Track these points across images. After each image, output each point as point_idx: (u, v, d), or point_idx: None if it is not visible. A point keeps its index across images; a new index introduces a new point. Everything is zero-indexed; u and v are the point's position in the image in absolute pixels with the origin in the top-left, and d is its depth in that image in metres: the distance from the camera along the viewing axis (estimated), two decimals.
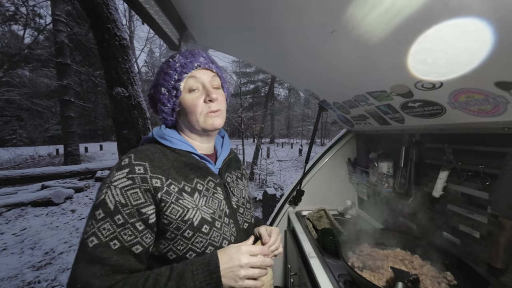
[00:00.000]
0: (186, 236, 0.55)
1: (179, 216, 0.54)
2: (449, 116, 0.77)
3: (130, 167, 0.53)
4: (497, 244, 0.71)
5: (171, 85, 0.60)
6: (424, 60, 0.63)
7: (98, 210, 0.50)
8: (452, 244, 0.94)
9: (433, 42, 0.57)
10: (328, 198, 1.76)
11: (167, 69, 0.61)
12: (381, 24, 0.61)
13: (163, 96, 0.61)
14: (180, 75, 0.59)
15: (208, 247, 0.56)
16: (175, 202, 0.55)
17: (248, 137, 19.33)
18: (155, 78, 0.64)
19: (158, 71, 0.64)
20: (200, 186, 0.61)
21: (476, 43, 0.50)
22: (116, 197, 0.50)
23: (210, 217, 0.58)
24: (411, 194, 1.13)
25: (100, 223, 0.49)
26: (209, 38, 1.24)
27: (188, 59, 0.61)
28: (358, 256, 1.00)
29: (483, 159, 0.80)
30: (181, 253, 0.55)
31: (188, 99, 0.60)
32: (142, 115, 3.71)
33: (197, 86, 0.61)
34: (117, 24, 3.47)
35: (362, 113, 1.25)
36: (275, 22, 0.83)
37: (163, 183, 0.54)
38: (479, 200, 0.83)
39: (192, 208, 0.56)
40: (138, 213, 0.51)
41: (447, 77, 0.63)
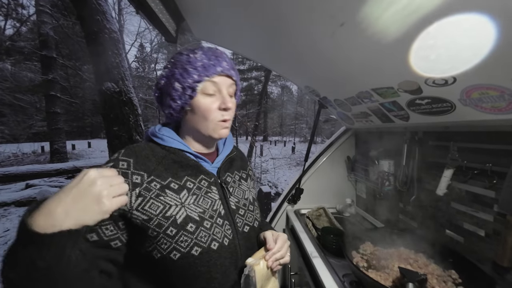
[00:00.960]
0: (169, 234, 0.52)
1: (160, 212, 0.53)
2: (459, 113, 0.76)
3: (115, 161, 0.53)
4: (505, 243, 0.71)
5: (188, 83, 0.56)
6: (439, 55, 0.61)
7: None
8: (456, 242, 0.94)
9: (449, 37, 0.54)
10: (327, 196, 1.75)
11: (187, 65, 0.56)
12: (395, 19, 0.59)
13: (176, 92, 0.57)
14: (200, 76, 0.56)
15: (194, 247, 0.53)
16: (155, 198, 0.53)
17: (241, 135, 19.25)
18: (169, 70, 0.59)
19: (174, 63, 0.59)
20: (190, 184, 0.59)
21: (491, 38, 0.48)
22: None
23: (198, 215, 0.56)
24: (414, 192, 1.13)
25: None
26: (206, 30, 1.18)
27: (211, 60, 0.57)
28: (362, 256, 0.99)
29: (490, 157, 0.80)
30: (165, 252, 0.52)
31: (202, 103, 0.57)
32: (134, 111, 3.59)
33: (214, 91, 0.58)
34: (106, 16, 3.33)
35: (365, 111, 1.23)
36: (278, 15, 0.79)
37: (144, 179, 0.54)
38: (485, 198, 0.82)
39: (175, 205, 0.55)
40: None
41: (462, 70, 0.61)
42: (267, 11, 0.79)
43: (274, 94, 30.20)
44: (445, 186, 0.94)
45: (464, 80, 0.64)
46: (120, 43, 3.54)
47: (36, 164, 7.77)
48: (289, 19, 0.80)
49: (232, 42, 1.25)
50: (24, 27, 10.06)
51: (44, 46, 8.26)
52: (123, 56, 3.57)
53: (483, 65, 0.56)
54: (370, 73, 0.91)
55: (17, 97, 11.24)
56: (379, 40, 0.69)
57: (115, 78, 3.39)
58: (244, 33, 1.07)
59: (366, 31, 0.68)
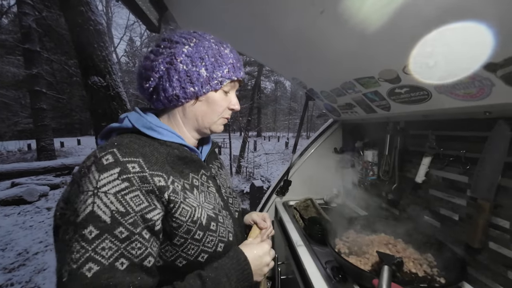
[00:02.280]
0: (197, 238, 0.49)
1: (189, 217, 0.48)
2: (435, 101, 0.78)
3: (120, 165, 0.42)
4: (476, 226, 0.74)
5: (216, 75, 0.53)
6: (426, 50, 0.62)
7: (88, 228, 0.38)
8: (433, 227, 0.98)
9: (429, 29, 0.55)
10: (315, 187, 1.78)
11: (219, 57, 0.53)
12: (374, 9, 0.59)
13: (199, 77, 0.51)
14: (229, 74, 0.55)
15: (219, 244, 0.53)
16: (184, 201, 0.48)
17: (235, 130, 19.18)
18: (193, 50, 0.51)
19: (202, 46, 0.52)
20: (196, 182, 0.56)
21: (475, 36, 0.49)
22: (111, 205, 0.40)
23: (213, 213, 0.55)
24: (395, 181, 1.16)
25: (95, 242, 0.38)
26: (191, 20, 1.15)
27: (238, 62, 0.57)
28: (344, 243, 1.01)
29: (464, 144, 0.82)
30: (193, 258, 0.50)
31: (219, 98, 0.56)
32: (122, 106, 3.51)
33: (229, 90, 0.58)
34: (91, 7, 3.21)
35: (349, 102, 1.24)
36: (262, 4, 0.78)
37: (167, 181, 0.47)
38: (459, 184, 0.86)
39: (197, 206, 0.51)
40: (143, 220, 0.43)
41: None
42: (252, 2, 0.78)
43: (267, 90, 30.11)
44: (424, 173, 0.97)
45: None
46: (106, 36, 3.43)
47: (23, 162, 7.53)
48: (273, 9, 0.79)
49: (219, 33, 1.23)
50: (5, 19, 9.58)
51: (26, 39, 7.91)
52: (110, 49, 3.47)
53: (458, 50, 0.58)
54: (352, 62, 0.91)
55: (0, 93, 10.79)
56: (359, 29, 0.69)
57: (101, 72, 3.29)
58: (229, 23, 1.06)
59: (346, 20, 0.69)
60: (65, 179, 6.06)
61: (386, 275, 0.64)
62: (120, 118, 0.54)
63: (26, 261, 2.79)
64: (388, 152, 1.20)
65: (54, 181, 5.69)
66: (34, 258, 2.85)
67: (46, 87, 8.74)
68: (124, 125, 0.52)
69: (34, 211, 4.33)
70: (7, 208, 4.35)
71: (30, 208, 4.45)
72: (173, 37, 0.53)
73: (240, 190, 5.45)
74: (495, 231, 0.73)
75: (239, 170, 7.31)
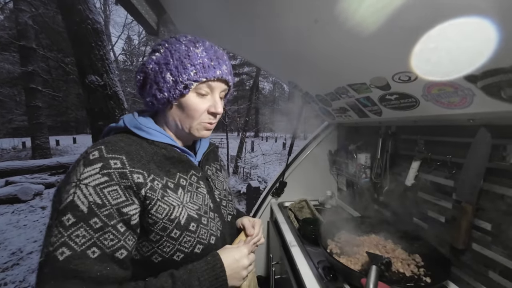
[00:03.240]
0: (173, 236, 0.50)
1: (165, 215, 0.50)
2: (422, 108, 0.82)
3: (103, 161, 0.45)
4: (459, 227, 0.77)
5: (182, 79, 0.51)
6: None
7: (66, 215, 0.42)
8: (421, 229, 1.01)
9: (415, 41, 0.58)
10: (310, 189, 1.81)
11: (185, 59, 0.51)
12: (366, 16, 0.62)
13: (165, 83, 0.52)
14: (197, 76, 0.51)
15: (197, 245, 0.54)
16: (161, 199, 0.50)
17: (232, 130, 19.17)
18: (162, 56, 0.52)
19: (170, 51, 0.52)
20: (183, 181, 0.57)
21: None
22: (90, 197, 0.43)
23: (196, 213, 0.55)
24: (386, 184, 1.19)
25: (70, 229, 0.41)
26: (189, 24, 1.18)
27: (212, 61, 0.53)
28: (336, 243, 1.04)
29: (450, 149, 0.86)
30: (168, 255, 0.51)
31: (193, 102, 0.54)
32: (120, 105, 3.50)
33: (207, 91, 0.55)
34: (89, 6, 3.20)
35: (343, 106, 1.27)
36: (260, 9, 0.80)
37: (146, 178, 0.49)
38: (446, 187, 0.89)
39: (177, 205, 0.52)
40: (119, 213, 0.45)
41: None
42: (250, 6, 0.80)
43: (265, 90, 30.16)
44: (413, 177, 1.01)
45: None
46: (104, 35, 3.42)
47: (17, 160, 7.44)
48: (270, 15, 0.82)
49: (216, 36, 1.25)
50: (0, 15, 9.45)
51: (22, 36, 7.81)
52: (107, 48, 3.46)
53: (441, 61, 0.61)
54: (345, 70, 0.94)
55: None
56: (351, 37, 0.72)
57: (99, 71, 3.29)
58: (227, 26, 1.08)
59: (338, 29, 0.72)
60: (60, 178, 6.01)
61: (373, 275, 0.67)
62: (118, 119, 0.59)
63: (20, 260, 2.78)
64: (380, 156, 1.23)
65: (49, 180, 5.64)
66: (28, 258, 2.83)
67: (42, 84, 8.66)
68: (119, 125, 0.56)
69: (28, 210, 4.29)
70: (0, 207, 4.30)
71: (24, 207, 4.40)
72: (155, 45, 0.56)
73: (236, 191, 5.46)
74: (477, 233, 0.77)
75: (236, 170, 7.32)
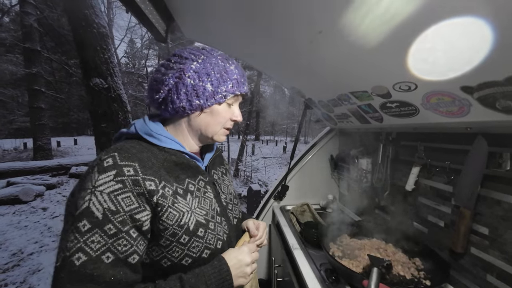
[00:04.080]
0: (182, 242, 0.52)
1: (175, 221, 0.52)
2: (422, 116, 0.85)
3: (117, 168, 0.47)
4: (458, 232, 0.80)
5: (221, 90, 0.57)
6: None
7: (82, 221, 0.43)
8: (421, 233, 1.04)
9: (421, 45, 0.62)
10: (312, 193, 1.83)
11: (224, 73, 0.58)
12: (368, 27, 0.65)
13: (204, 92, 0.56)
14: (233, 89, 0.59)
15: (204, 250, 0.56)
16: (172, 205, 0.52)
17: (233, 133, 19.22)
18: (201, 65, 0.56)
19: (209, 63, 0.57)
20: (191, 187, 0.59)
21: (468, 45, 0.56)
22: (104, 204, 0.45)
23: (204, 219, 0.57)
24: (387, 188, 1.22)
25: (86, 235, 0.43)
26: (196, 31, 1.22)
27: (242, 78, 0.61)
28: (338, 246, 1.07)
29: (449, 155, 0.89)
30: (177, 260, 0.53)
31: (223, 110, 0.60)
32: (123, 108, 3.55)
33: (233, 103, 0.63)
34: (95, 10, 3.27)
35: (345, 112, 1.31)
36: (265, 19, 0.84)
37: (157, 185, 0.50)
38: (445, 193, 0.92)
39: (186, 211, 0.54)
40: (132, 220, 0.47)
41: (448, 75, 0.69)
42: (255, 16, 0.84)
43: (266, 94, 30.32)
44: (413, 182, 1.04)
45: (424, 86, 0.72)
46: (109, 38, 3.49)
47: (18, 161, 7.47)
48: (275, 25, 0.85)
49: (221, 42, 1.29)
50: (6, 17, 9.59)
51: (27, 38, 7.92)
52: (112, 51, 3.52)
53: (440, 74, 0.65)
54: (347, 78, 0.98)
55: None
56: (353, 48, 0.76)
57: (103, 74, 3.34)
58: (233, 35, 1.12)
59: (341, 40, 0.75)
60: (61, 179, 6.02)
61: (375, 276, 0.69)
62: (130, 124, 0.60)
63: (21, 261, 2.78)
64: (381, 161, 1.26)
65: (50, 181, 5.65)
66: (29, 259, 2.83)
67: (45, 86, 8.73)
68: (131, 131, 0.58)
69: (30, 211, 4.30)
70: (1, 208, 4.31)
71: (25, 208, 4.41)
72: (183, 53, 0.58)
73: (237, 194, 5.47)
74: (475, 237, 0.79)
75: (237, 173, 7.34)
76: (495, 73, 0.53)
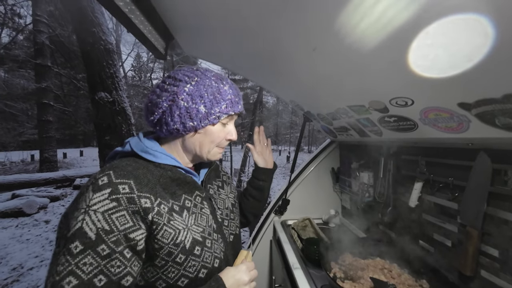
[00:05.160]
0: (178, 261, 0.51)
1: (171, 240, 0.50)
2: (421, 131, 0.83)
3: (112, 186, 0.46)
4: (466, 253, 0.75)
5: (215, 111, 0.57)
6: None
7: (74, 243, 0.42)
8: (427, 252, 0.98)
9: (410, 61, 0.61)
10: (313, 207, 1.79)
11: (217, 94, 0.57)
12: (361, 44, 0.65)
13: (198, 114, 0.56)
14: (227, 110, 0.59)
15: (201, 270, 0.54)
16: (167, 223, 0.50)
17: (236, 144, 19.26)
18: (195, 89, 0.56)
19: (202, 85, 0.57)
20: (188, 203, 0.58)
21: None
22: (98, 223, 0.43)
23: (200, 236, 0.56)
24: (390, 204, 1.18)
25: (78, 257, 0.41)
26: (196, 48, 1.24)
27: (236, 97, 0.61)
28: (340, 266, 1.02)
29: (452, 171, 0.86)
30: (172, 281, 0.51)
31: (217, 130, 0.60)
32: (126, 121, 3.61)
33: (227, 122, 0.62)
34: (102, 28, 3.41)
35: (344, 125, 1.29)
36: (262, 36, 0.86)
37: (153, 202, 0.49)
38: (450, 210, 0.88)
39: (183, 229, 0.53)
40: (126, 239, 0.46)
41: None
42: (253, 34, 0.86)
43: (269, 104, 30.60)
44: (416, 198, 1.00)
45: (420, 102, 0.71)
46: (115, 54, 3.61)
47: (24, 173, 7.58)
48: (271, 43, 0.86)
49: (220, 58, 1.31)
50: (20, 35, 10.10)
51: (39, 54, 8.29)
52: (117, 66, 3.63)
53: (435, 89, 0.63)
54: (344, 93, 0.97)
55: (8, 104, 11.10)
56: (348, 64, 0.76)
57: (108, 88, 3.43)
58: (232, 50, 1.14)
59: (336, 56, 0.75)
60: (65, 191, 6.06)
61: None
62: (124, 143, 0.60)
63: (20, 276, 2.75)
64: (383, 175, 1.23)
65: (54, 193, 5.69)
66: (29, 274, 2.80)
67: (54, 100, 9.01)
68: (125, 149, 0.58)
69: (32, 224, 4.31)
70: (5, 220, 4.34)
71: (28, 220, 4.42)
72: (177, 75, 0.58)
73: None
74: (485, 259, 0.74)
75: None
76: (492, 90, 0.51)
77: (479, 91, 0.54)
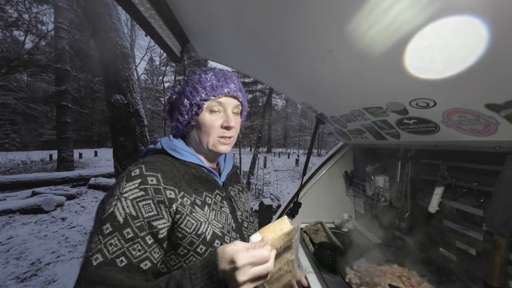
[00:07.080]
0: (199, 251, 0.53)
1: (193, 230, 0.53)
2: (443, 134, 0.80)
3: (142, 177, 0.52)
4: (493, 262, 0.71)
5: (196, 101, 0.60)
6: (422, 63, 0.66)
7: (106, 224, 0.47)
8: (449, 261, 0.94)
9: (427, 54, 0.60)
10: (325, 210, 1.76)
11: (197, 84, 0.61)
12: (378, 45, 0.64)
13: (184, 108, 0.61)
14: (207, 95, 0.60)
15: None
16: (190, 214, 0.54)
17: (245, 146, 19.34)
18: (181, 87, 0.64)
19: (187, 81, 0.64)
20: (209, 200, 0.61)
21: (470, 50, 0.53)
22: (127, 209, 0.48)
23: (220, 231, 0.58)
24: (408, 209, 1.14)
25: (107, 238, 0.46)
26: (209, 50, 1.27)
27: (220, 81, 0.61)
28: (355, 272, 0.99)
29: (476, 176, 0.82)
30: None
31: (207, 119, 0.61)
32: (140, 122, 3.71)
33: (219, 109, 0.62)
34: (119, 34, 3.54)
35: (359, 128, 1.27)
36: (275, 39, 0.86)
37: (177, 194, 0.54)
38: (474, 217, 0.84)
39: (204, 221, 0.56)
40: (149, 226, 0.49)
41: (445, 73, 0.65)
42: (266, 37, 0.86)
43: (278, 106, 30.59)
44: (437, 203, 0.96)
45: (443, 103, 0.68)
46: (130, 58, 3.74)
47: (43, 172, 7.94)
48: (285, 44, 0.87)
49: (234, 61, 1.33)
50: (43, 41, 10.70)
51: (59, 59, 8.73)
52: (132, 70, 3.76)
53: (460, 89, 0.61)
54: (360, 94, 0.96)
55: (30, 106, 11.71)
56: (366, 66, 0.75)
57: (123, 91, 3.55)
58: (244, 53, 1.15)
59: (352, 56, 0.74)
60: (80, 190, 6.28)
61: None
62: (156, 141, 0.66)
63: (38, 271, 2.86)
64: (400, 179, 1.19)
65: (71, 191, 5.91)
66: (46, 269, 2.91)
67: (72, 102, 9.43)
68: (157, 147, 0.65)
69: (50, 220, 4.48)
70: (25, 217, 4.54)
71: (46, 217, 4.61)
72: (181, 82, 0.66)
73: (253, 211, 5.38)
74: None
75: (248, 187, 7.27)
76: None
77: (510, 91, 0.51)
